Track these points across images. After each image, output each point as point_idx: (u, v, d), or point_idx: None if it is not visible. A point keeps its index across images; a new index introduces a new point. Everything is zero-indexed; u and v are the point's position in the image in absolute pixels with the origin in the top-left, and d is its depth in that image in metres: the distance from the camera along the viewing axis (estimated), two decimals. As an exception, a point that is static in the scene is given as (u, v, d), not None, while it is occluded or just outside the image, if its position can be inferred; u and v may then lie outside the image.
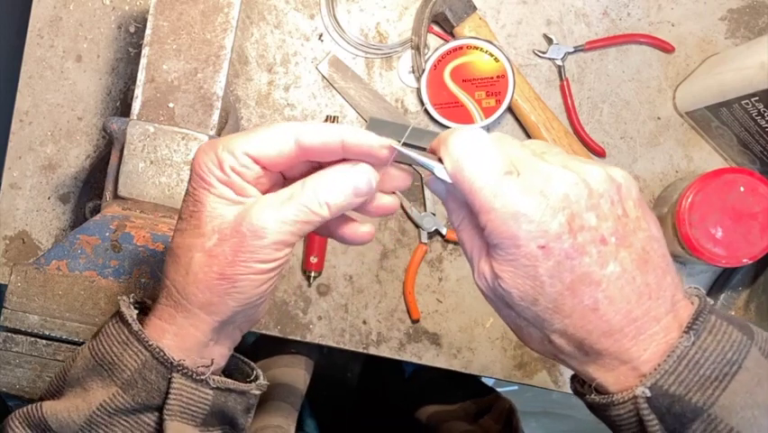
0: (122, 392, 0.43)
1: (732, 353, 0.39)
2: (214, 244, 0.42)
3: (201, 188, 0.42)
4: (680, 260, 0.78)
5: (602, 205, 0.39)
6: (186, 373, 0.43)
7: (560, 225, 0.38)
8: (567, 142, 0.76)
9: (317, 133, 0.42)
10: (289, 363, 0.90)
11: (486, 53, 0.76)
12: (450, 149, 0.41)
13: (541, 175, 0.39)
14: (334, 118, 0.78)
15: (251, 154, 0.42)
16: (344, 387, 1.42)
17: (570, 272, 0.39)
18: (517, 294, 0.40)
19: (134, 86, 0.63)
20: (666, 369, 0.39)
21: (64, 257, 0.57)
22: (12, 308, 0.56)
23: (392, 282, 0.79)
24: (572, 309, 0.40)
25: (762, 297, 0.76)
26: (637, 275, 0.40)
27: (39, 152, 0.79)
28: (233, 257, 0.41)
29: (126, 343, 0.44)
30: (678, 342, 0.39)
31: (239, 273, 0.42)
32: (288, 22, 0.79)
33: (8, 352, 0.55)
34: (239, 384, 0.47)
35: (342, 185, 0.42)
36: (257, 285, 0.43)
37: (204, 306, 0.43)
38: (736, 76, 0.70)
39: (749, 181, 0.71)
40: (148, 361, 0.43)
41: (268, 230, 0.41)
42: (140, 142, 0.62)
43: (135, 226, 0.59)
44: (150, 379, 0.43)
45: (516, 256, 0.39)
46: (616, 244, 0.39)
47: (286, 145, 0.42)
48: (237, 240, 0.41)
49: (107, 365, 0.44)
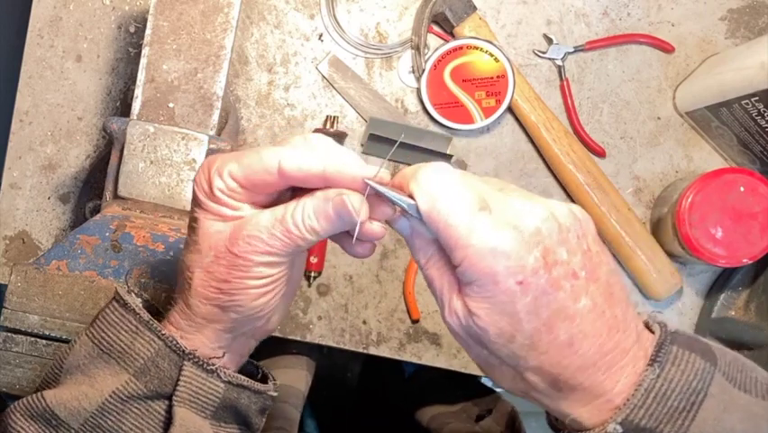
0: (135, 380, 0.44)
1: (696, 381, 0.39)
2: (211, 261, 0.44)
3: (196, 206, 0.44)
4: (680, 260, 0.78)
5: (570, 239, 0.40)
6: (197, 363, 0.44)
7: (536, 259, 0.38)
8: (567, 142, 0.76)
9: (299, 165, 0.41)
10: (291, 364, 0.90)
11: (486, 53, 0.76)
12: (422, 186, 0.41)
13: (513, 210, 0.40)
14: (334, 118, 0.78)
15: (236, 178, 0.42)
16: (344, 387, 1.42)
17: (546, 308, 0.39)
18: (494, 331, 0.40)
19: (134, 86, 0.63)
20: (635, 403, 0.39)
21: (64, 257, 0.57)
22: (12, 308, 0.56)
23: (392, 282, 0.79)
24: (549, 345, 0.40)
25: (762, 297, 0.76)
26: (606, 309, 0.40)
27: (39, 151, 0.79)
28: (227, 275, 0.43)
29: (136, 332, 0.45)
30: (644, 375, 0.39)
31: (234, 289, 0.43)
32: (288, 22, 0.79)
33: (8, 352, 0.55)
34: (254, 383, 0.47)
35: (327, 211, 0.42)
36: (254, 298, 0.44)
37: (206, 316, 0.45)
38: (735, 76, 0.70)
39: (749, 181, 0.71)
40: (161, 349, 0.44)
41: (256, 253, 0.42)
42: (140, 142, 0.62)
43: (135, 226, 0.59)
44: (162, 367, 0.44)
45: (493, 293, 0.39)
46: (585, 278, 0.40)
47: (269, 174, 0.42)
48: (230, 259, 0.43)
49: (116, 353, 0.45)
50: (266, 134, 0.79)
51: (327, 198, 0.42)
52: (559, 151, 0.76)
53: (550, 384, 0.41)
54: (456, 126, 0.78)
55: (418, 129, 0.78)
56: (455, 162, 0.79)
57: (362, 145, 0.79)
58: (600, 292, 0.40)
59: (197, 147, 0.62)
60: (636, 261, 0.76)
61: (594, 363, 0.40)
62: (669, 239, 0.75)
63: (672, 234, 0.73)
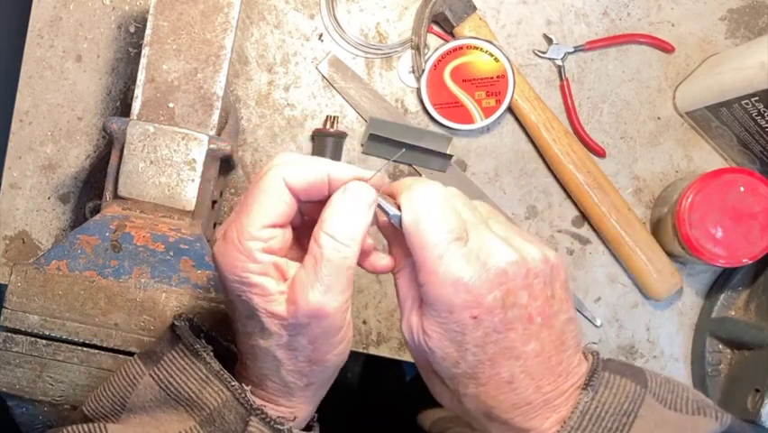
0: (199, 428, 0.43)
1: (627, 403, 0.41)
2: (287, 341, 0.42)
3: (248, 293, 0.42)
4: (680, 260, 0.78)
5: (535, 285, 0.41)
6: (264, 419, 0.43)
7: (494, 299, 0.40)
8: (567, 142, 0.76)
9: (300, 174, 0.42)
10: None
11: (486, 53, 0.76)
12: (412, 200, 0.42)
13: (486, 247, 0.41)
14: (334, 118, 0.78)
15: (266, 224, 0.41)
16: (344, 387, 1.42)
17: (494, 345, 0.40)
18: (440, 354, 0.41)
19: (134, 86, 0.63)
20: (572, 425, 0.41)
21: (64, 257, 0.57)
22: (12, 308, 0.56)
23: (392, 282, 0.79)
24: (489, 379, 0.41)
25: (762, 297, 0.76)
26: (553, 355, 0.41)
27: (39, 151, 0.79)
28: (311, 344, 0.42)
29: (206, 381, 0.44)
30: (579, 399, 0.41)
31: (324, 354, 0.43)
32: (288, 22, 0.79)
33: (8, 352, 0.55)
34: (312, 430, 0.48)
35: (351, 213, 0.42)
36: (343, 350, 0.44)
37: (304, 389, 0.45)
38: (735, 76, 0.70)
39: (749, 181, 0.71)
40: (228, 400, 0.43)
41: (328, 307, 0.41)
42: (140, 142, 0.62)
43: (135, 226, 0.59)
44: (228, 418, 0.43)
45: (447, 321, 0.40)
46: (540, 324, 0.41)
47: (280, 195, 0.42)
48: (306, 330, 0.41)
49: (185, 401, 0.44)
50: (266, 134, 0.79)
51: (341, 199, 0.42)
52: (559, 151, 0.76)
53: (483, 413, 0.43)
54: (456, 126, 0.78)
55: (418, 129, 0.78)
56: (455, 162, 0.79)
57: (362, 145, 0.79)
58: (552, 339, 0.41)
59: (197, 147, 0.62)
60: (636, 261, 0.76)
61: (530, 402, 0.41)
62: (669, 239, 0.75)
63: (672, 235, 0.73)
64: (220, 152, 0.63)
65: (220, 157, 0.64)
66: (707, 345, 0.77)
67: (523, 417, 0.41)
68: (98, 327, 0.56)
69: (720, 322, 0.77)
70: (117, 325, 0.56)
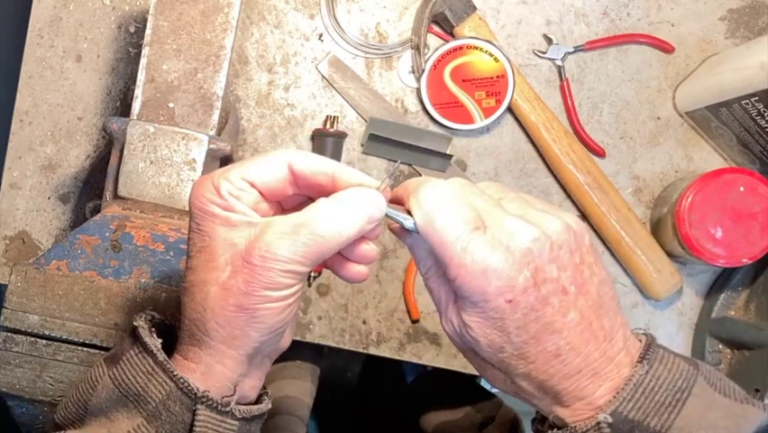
0: (146, 423, 0.42)
1: (682, 381, 0.42)
2: (228, 277, 0.41)
3: (206, 221, 0.42)
4: (680, 260, 0.78)
5: (562, 256, 0.41)
6: (210, 405, 0.42)
7: (525, 279, 0.40)
8: (567, 142, 0.76)
9: (308, 161, 0.43)
10: (296, 375, 0.89)
11: (486, 53, 0.76)
12: (421, 202, 0.42)
13: (505, 230, 0.41)
14: (334, 118, 0.78)
15: (246, 178, 0.42)
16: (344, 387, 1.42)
17: (535, 323, 0.41)
18: (485, 342, 0.42)
19: (134, 86, 0.63)
20: (625, 396, 0.41)
21: (64, 257, 0.57)
22: (12, 308, 0.55)
23: (392, 282, 0.79)
24: (536, 356, 0.42)
25: (762, 297, 0.76)
26: (594, 320, 0.42)
27: (39, 151, 0.79)
28: (246, 288, 0.41)
29: (151, 373, 0.43)
30: (633, 371, 0.42)
31: (256, 303, 0.41)
32: (288, 22, 0.79)
33: (8, 352, 0.55)
34: (261, 407, 0.46)
35: (356, 211, 0.42)
36: (276, 313, 0.42)
37: (227, 340, 0.43)
38: (735, 76, 0.70)
39: (749, 181, 0.71)
40: (172, 392, 0.42)
41: (278, 259, 0.40)
42: (140, 142, 0.62)
43: (135, 226, 0.59)
44: (174, 410, 0.42)
45: (484, 309, 0.41)
46: (575, 293, 0.41)
47: (279, 169, 0.42)
48: (249, 270, 0.41)
49: (132, 396, 0.43)
50: (266, 134, 0.79)
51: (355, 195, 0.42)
52: (559, 151, 0.76)
53: (537, 388, 0.43)
54: (456, 126, 0.78)
55: (418, 129, 0.78)
56: (455, 162, 0.79)
57: (362, 145, 0.79)
58: (590, 305, 0.42)
59: (197, 147, 0.62)
60: (636, 261, 0.76)
61: (579, 370, 0.42)
62: (669, 239, 0.75)
63: (671, 234, 0.73)
64: (220, 152, 0.63)
65: (220, 157, 0.64)
66: (707, 345, 0.77)
67: (576, 385, 0.42)
68: (98, 327, 0.56)
69: (720, 322, 0.77)
70: (117, 325, 0.56)
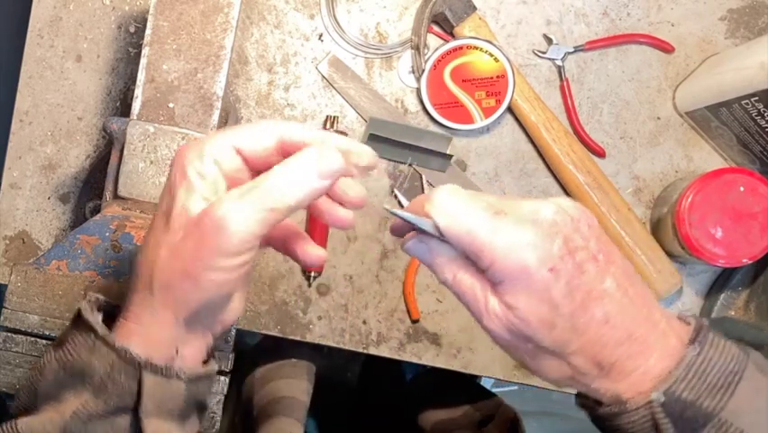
0: (93, 398, 0.42)
1: (734, 364, 0.42)
2: (180, 240, 0.41)
3: (176, 181, 0.42)
4: (680, 260, 0.78)
5: (582, 228, 0.43)
6: (155, 370, 0.43)
7: (559, 248, 0.41)
8: (567, 142, 0.76)
9: (299, 131, 0.43)
10: (292, 374, 0.90)
11: (486, 53, 0.76)
12: (437, 205, 0.43)
13: (525, 208, 0.42)
14: (334, 118, 0.78)
15: (235, 145, 0.43)
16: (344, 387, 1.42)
17: (578, 290, 0.41)
18: (536, 321, 0.42)
19: (134, 86, 0.63)
20: (678, 376, 0.42)
21: (64, 257, 0.57)
22: (12, 308, 0.56)
23: (392, 282, 0.79)
24: (587, 326, 0.42)
25: (762, 297, 0.76)
26: (628, 286, 0.43)
27: (39, 151, 0.79)
28: (195, 253, 0.41)
29: (93, 348, 0.43)
30: (685, 352, 0.42)
31: (201, 269, 0.41)
32: (288, 22, 0.79)
33: (8, 352, 0.55)
34: (209, 369, 0.46)
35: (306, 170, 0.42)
36: (219, 284, 0.42)
37: (166, 302, 0.43)
38: (735, 76, 0.70)
39: (749, 181, 0.71)
40: (115, 363, 0.42)
41: (229, 223, 0.40)
42: (140, 142, 0.62)
43: (135, 226, 0.59)
44: (119, 381, 0.42)
45: (528, 283, 0.41)
46: (604, 261, 0.42)
47: (270, 138, 0.43)
48: (199, 235, 0.41)
49: (78, 374, 0.43)
50: (266, 134, 0.79)
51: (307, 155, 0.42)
52: (559, 151, 0.76)
53: (593, 364, 0.43)
54: (456, 126, 0.78)
55: (418, 129, 0.78)
56: (455, 162, 0.79)
57: (362, 145, 0.79)
58: (621, 273, 0.43)
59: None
60: (636, 260, 0.76)
61: (630, 335, 0.42)
62: (669, 239, 0.75)
63: (671, 234, 0.73)
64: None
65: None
66: (707, 345, 0.77)
67: (628, 353, 0.42)
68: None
69: (720, 322, 0.77)
70: (117, 325, 0.56)
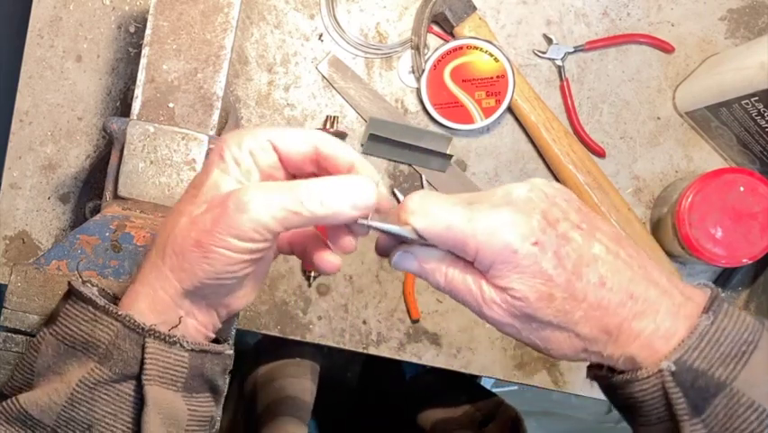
0: (99, 365, 0.43)
1: (748, 333, 0.42)
2: (201, 212, 0.43)
3: (212, 162, 0.44)
4: (680, 260, 0.78)
5: (559, 202, 0.44)
6: (159, 337, 0.44)
7: (538, 222, 0.42)
8: (567, 142, 0.76)
9: (335, 146, 0.45)
10: (296, 374, 0.90)
11: (486, 53, 0.76)
12: (412, 209, 0.44)
13: (498, 194, 0.44)
14: (334, 118, 0.78)
15: (272, 141, 0.44)
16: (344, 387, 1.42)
17: (567, 258, 0.42)
18: (534, 296, 0.42)
19: (134, 86, 0.63)
20: (690, 345, 0.41)
21: (64, 257, 0.57)
22: (12, 308, 0.55)
23: (392, 282, 0.79)
24: (585, 292, 0.42)
25: (762, 297, 0.76)
26: (619, 250, 0.43)
27: (39, 151, 0.79)
28: (211, 226, 0.42)
29: (95, 319, 0.44)
30: (699, 321, 0.42)
31: (213, 244, 0.42)
32: (288, 22, 0.79)
33: (8, 352, 0.55)
34: (213, 345, 0.47)
35: (345, 192, 0.43)
36: (229, 263, 0.43)
37: (174, 269, 0.44)
38: (735, 76, 0.70)
39: (749, 181, 0.71)
40: (120, 331, 0.43)
41: (251, 208, 0.41)
42: (140, 142, 0.62)
43: (135, 226, 0.59)
44: (124, 348, 0.43)
45: (517, 261, 0.42)
46: (587, 228, 0.43)
47: (306, 144, 0.44)
48: (220, 210, 0.42)
49: (80, 345, 0.44)
50: (266, 134, 0.79)
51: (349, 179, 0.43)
52: (559, 151, 0.76)
53: (600, 330, 0.43)
54: (456, 126, 0.78)
55: (418, 129, 0.78)
56: (455, 162, 0.79)
57: (362, 145, 0.79)
58: (609, 238, 0.43)
59: (197, 147, 0.62)
60: (636, 261, 0.76)
61: (630, 295, 0.43)
62: (669, 239, 0.75)
63: (671, 234, 0.73)
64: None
65: (220, 157, 0.64)
66: (707, 345, 0.77)
67: (632, 312, 0.43)
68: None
69: (720, 322, 0.77)
70: (117, 325, 0.56)
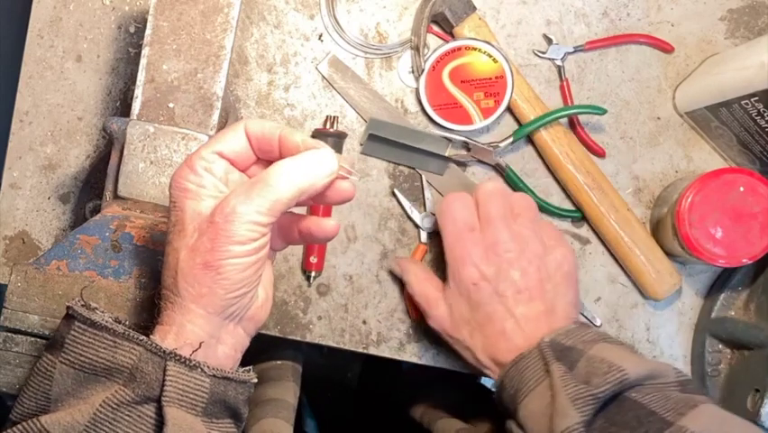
0: (123, 387, 0.44)
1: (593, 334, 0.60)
2: (196, 240, 0.46)
3: (179, 198, 0.47)
4: (679, 260, 0.78)
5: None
6: (179, 360, 0.45)
7: None
8: (566, 142, 0.76)
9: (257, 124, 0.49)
10: (277, 377, 0.90)
11: (484, 54, 0.76)
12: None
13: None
14: (334, 118, 0.78)
15: (215, 150, 0.48)
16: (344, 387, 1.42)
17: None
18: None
19: (134, 86, 0.63)
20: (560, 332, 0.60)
21: (64, 257, 0.57)
22: (12, 308, 0.56)
23: (392, 282, 0.79)
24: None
25: (762, 297, 0.76)
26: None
27: (39, 151, 0.79)
28: (211, 244, 0.45)
29: (114, 346, 0.45)
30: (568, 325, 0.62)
31: (220, 259, 0.45)
32: (288, 22, 0.79)
33: (8, 352, 0.55)
34: (238, 373, 0.48)
35: (307, 166, 0.47)
36: (240, 269, 0.46)
37: (196, 299, 0.46)
38: (735, 76, 0.70)
39: (749, 181, 0.71)
40: (142, 354, 0.45)
41: (237, 212, 0.45)
42: (140, 143, 0.62)
43: (135, 226, 0.59)
44: (147, 370, 0.44)
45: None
46: None
47: (240, 136, 0.49)
48: (213, 229, 0.45)
49: (103, 371, 0.45)
50: (266, 134, 0.79)
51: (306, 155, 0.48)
52: (558, 151, 0.76)
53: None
54: (455, 127, 0.78)
55: (418, 130, 0.78)
56: (455, 163, 0.79)
57: (362, 145, 0.79)
58: None
59: (197, 147, 0.62)
60: (635, 261, 0.76)
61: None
62: (668, 239, 0.75)
63: (671, 235, 0.73)
64: (220, 153, 0.63)
65: (220, 157, 0.64)
66: (706, 345, 0.77)
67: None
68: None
69: (720, 322, 0.77)
70: (117, 325, 0.56)
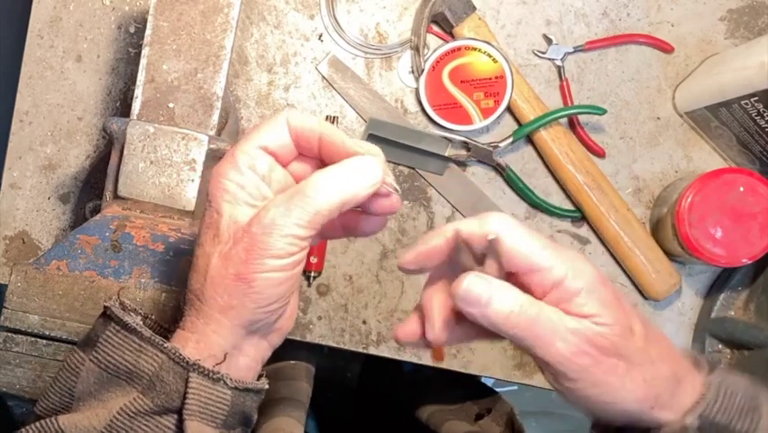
0: (141, 396, 0.43)
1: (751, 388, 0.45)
2: (229, 248, 0.43)
3: (216, 197, 0.45)
4: (679, 260, 0.78)
5: None
6: (203, 372, 0.43)
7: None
8: (566, 142, 0.76)
9: (300, 117, 0.46)
10: (291, 376, 0.90)
11: (484, 54, 0.76)
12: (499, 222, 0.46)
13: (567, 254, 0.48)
14: (334, 118, 0.78)
15: (259, 145, 0.45)
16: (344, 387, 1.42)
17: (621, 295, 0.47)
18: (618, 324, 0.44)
19: (134, 86, 0.63)
20: (710, 399, 0.43)
21: (64, 257, 0.57)
22: (12, 308, 0.56)
23: (392, 282, 0.79)
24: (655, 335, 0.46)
25: (762, 297, 0.76)
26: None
27: (39, 151, 0.79)
28: (246, 255, 0.43)
29: (139, 350, 0.44)
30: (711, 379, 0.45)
31: (254, 272, 0.43)
32: (288, 22, 0.79)
33: (8, 352, 0.55)
34: (257, 384, 0.47)
35: (349, 178, 0.44)
36: (274, 284, 0.43)
37: (224, 309, 0.44)
38: (735, 76, 0.70)
39: (749, 181, 0.71)
40: (164, 363, 0.43)
41: (276, 225, 0.42)
42: (140, 143, 0.62)
43: (135, 226, 0.59)
44: (167, 380, 0.43)
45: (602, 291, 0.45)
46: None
47: (282, 128, 0.45)
48: (249, 239, 0.43)
49: (124, 374, 0.44)
50: (266, 134, 0.79)
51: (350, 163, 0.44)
52: (558, 151, 0.76)
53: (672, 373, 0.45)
54: (455, 127, 0.78)
55: (418, 131, 0.78)
56: (455, 163, 0.79)
57: (362, 145, 0.79)
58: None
59: (197, 147, 0.62)
60: (635, 261, 0.76)
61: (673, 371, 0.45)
62: (668, 239, 0.75)
63: (671, 234, 0.73)
64: (220, 152, 0.63)
65: (220, 157, 0.64)
66: (706, 345, 0.77)
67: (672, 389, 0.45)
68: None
69: (720, 322, 0.77)
70: (117, 325, 0.56)
